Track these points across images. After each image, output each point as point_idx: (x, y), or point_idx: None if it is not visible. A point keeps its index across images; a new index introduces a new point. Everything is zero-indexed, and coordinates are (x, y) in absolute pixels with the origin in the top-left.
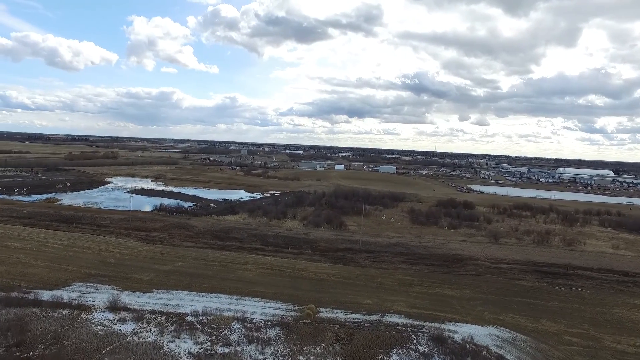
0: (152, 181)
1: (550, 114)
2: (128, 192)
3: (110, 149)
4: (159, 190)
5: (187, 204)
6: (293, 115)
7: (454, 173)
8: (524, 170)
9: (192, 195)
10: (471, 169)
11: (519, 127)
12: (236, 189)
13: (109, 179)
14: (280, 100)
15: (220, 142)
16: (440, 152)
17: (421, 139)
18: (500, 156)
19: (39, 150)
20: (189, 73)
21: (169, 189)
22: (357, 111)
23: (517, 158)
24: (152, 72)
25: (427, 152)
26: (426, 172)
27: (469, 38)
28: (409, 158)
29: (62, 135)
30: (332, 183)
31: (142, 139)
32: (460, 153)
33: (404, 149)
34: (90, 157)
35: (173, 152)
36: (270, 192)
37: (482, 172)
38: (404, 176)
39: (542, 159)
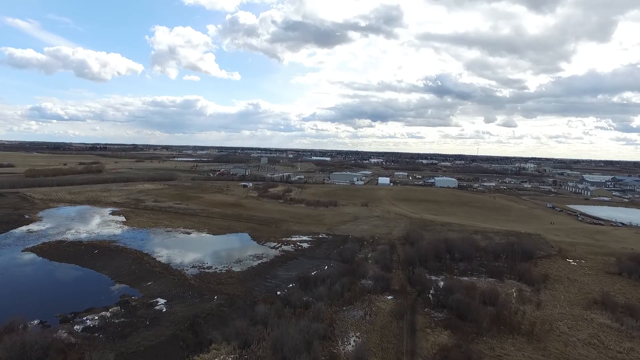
0: (113, 214)
1: (582, 113)
2: (30, 250)
3: (118, 158)
4: (90, 244)
5: (98, 309)
6: (316, 120)
7: (529, 185)
8: (607, 177)
9: (140, 254)
10: (545, 180)
11: (547, 128)
12: (238, 231)
13: (42, 213)
14: (303, 105)
15: (242, 149)
16: (470, 156)
17: (446, 142)
18: (549, 160)
19: (31, 162)
20: (211, 80)
21: (119, 234)
22: (380, 115)
23: (562, 161)
24: (175, 81)
25: (460, 155)
26: (493, 184)
27: (493, 37)
28: (448, 164)
29: (90, 144)
30: (386, 211)
31: (168, 146)
32: (492, 156)
33: (429, 152)
34: (57, 173)
35: (188, 160)
36: (294, 238)
37: (570, 184)
38: (476, 194)
39: (598, 162)
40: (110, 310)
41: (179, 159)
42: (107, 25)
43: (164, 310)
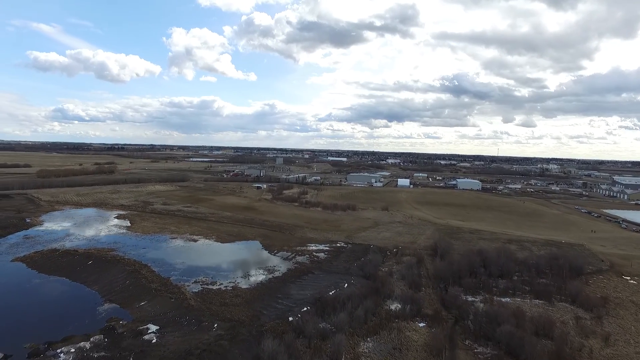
0: (118, 218)
1: (605, 112)
2: (20, 259)
3: (134, 158)
4: (85, 253)
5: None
6: (332, 120)
7: (557, 188)
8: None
9: (139, 265)
10: (574, 182)
11: (568, 127)
12: (249, 238)
13: (45, 217)
14: (319, 106)
15: (258, 149)
16: (489, 156)
17: (463, 142)
18: (572, 160)
19: (48, 162)
20: (227, 81)
21: (121, 240)
22: (396, 115)
23: (585, 162)
24: (192, 82)
25: (479, 156)
26: (519, 187)
27: (511, 35)
28: (467, 164)
29: (110, 144)
30: (408, 216)
31: (184, 147)
32: (512, 157)
33: (446, 152)
34: (69, 174)
35: (203, 160)
36: (310, 247)
37: (603, 186)
38: (502, 197)
39: (624, 163)
40: (91, 339)
41: (194, 160)
42: (126, 27)
43: (154, 341)
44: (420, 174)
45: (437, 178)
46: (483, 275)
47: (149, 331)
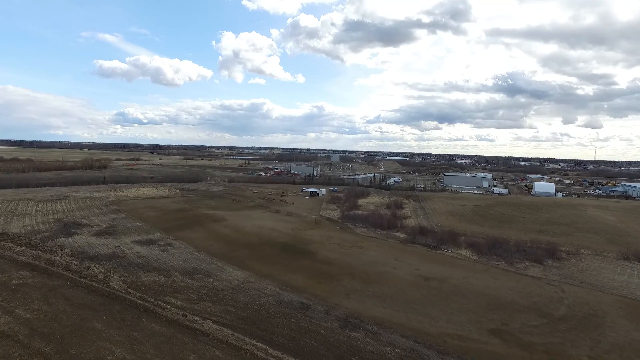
0: None
1: None
2: None
3: (169, 155)
4: None
5: None
6: (381, 122)
7: None
8: None
9: None
10: None
11: None
12: None
13: None
14: (367, 107)
15: (307, 150)
16: (572, 159)
17: (519, 144)
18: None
19: (55, 156)
20: (276, 83)
21: None
22: (447, 117)
23: None
24: (242, 84)
25: (561, 159)
26: (597, 192)
27: (573, 28)
28: (557, 166)
29: (165, 145)
30: None
31: (234, 147)
32: (614, 161)
33: (500, 155)
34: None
35: (244, 158)
36: None
37: None
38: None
39: None
40: None
41: (235, 157)
42: (180, 34)
43: None
44: (538, 176)
45: (567, 182)
46: None
47: None
